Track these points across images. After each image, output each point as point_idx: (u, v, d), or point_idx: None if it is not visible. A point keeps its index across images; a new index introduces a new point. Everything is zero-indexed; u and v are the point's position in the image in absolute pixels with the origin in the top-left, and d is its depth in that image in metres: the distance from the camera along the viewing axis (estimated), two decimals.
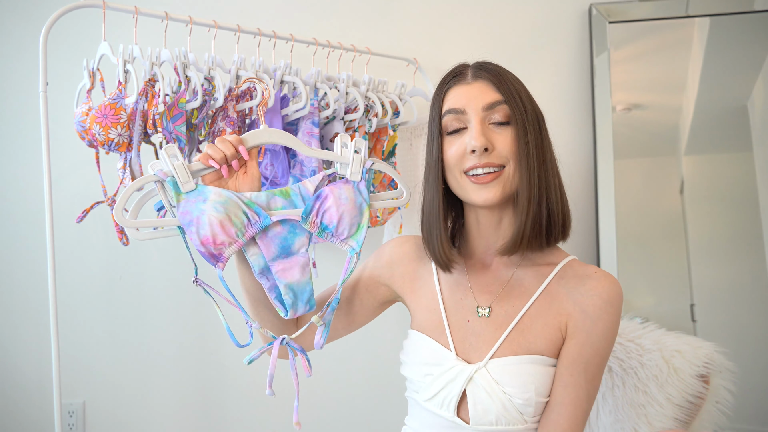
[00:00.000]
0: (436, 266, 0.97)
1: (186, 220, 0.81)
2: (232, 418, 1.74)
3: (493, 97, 0.87)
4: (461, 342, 0.90)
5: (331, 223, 0.88)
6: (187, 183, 0.82)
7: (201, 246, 0.81)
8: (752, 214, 1.64)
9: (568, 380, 0.86)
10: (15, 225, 1.66)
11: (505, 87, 0.88)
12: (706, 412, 1.15)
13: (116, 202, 0.80)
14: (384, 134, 1.57)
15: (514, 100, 0.87)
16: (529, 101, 0.89)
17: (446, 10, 1.80)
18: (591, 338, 0.86)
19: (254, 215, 0.84)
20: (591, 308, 0.86)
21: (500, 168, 0.87)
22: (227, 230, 0.81)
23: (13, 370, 1.67)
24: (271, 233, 0.86)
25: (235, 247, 0.83)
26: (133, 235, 0.82)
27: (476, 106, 0.87)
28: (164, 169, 0.82)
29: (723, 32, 1.70)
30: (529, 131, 0.87)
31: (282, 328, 0.97)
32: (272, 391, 0.85)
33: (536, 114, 0.90)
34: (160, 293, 1.71)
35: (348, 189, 0.90)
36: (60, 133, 1.59)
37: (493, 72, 0.89)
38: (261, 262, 0.85)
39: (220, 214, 0.81)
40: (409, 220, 1.66)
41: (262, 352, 0.87)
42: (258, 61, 1.36)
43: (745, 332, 1.62)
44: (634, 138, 1.73)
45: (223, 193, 0.83)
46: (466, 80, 0.90)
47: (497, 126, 0.87)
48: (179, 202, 0.82)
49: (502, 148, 0.86)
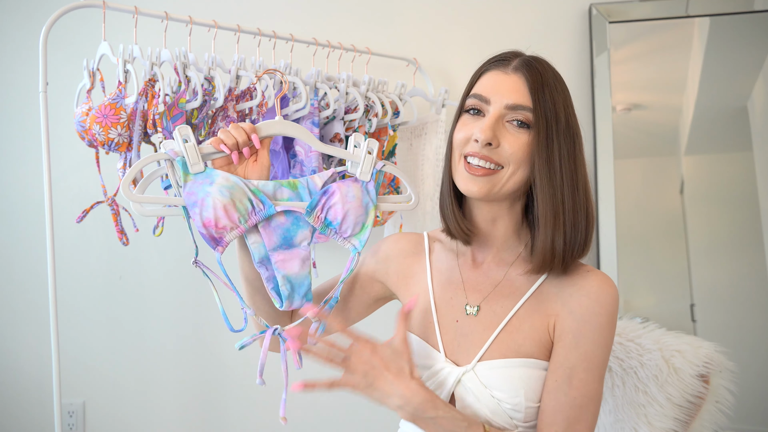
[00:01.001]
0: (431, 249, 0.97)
1: (191, 200, 0.81)
2: (232, 418, 1.74)
3: (521, 100, 0.82)
4: (450, 343, 0.88)
5: (336, 220, 0.88)
6: (196, 164, 0.82)
7: (203, 228, 0.81)
8: (752, 214, 1.64)
9: (551, 386, 0.82)
10: (15, 225, 1.66)
11: (539, 92, 0.82)
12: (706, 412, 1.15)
13: (124, 177, 0.80)
14: (384, 134, 1.57)
15: (542, 107, 0.82)
16: (564, 113, 0.83)
17: (446, 11, 1.80)
18: (578, 341, 0.81)
19: (259, 203, 0.84)
20: (578, 308, 0.82)
21: (497, 167, 0.83)
22: (230, 215, 0.82)
23: (13, 370, 1.67)
24: (274, 223, 0.85)
25: (236, 233, 0.83)
26: (137, 209, 0.82)
27: (501, 100, 0.83)
28: (175, 149, 0.82)
29: (723, 32, 1.70)
30: (555, 142, 0.82)
31: (280, 318, 0.96)
32: (262, 381, 0.84)
33: (570, 130, 0.84)
34: (160, 293, 1.71)
35: (356, 188, 0.89)
36: (60, 133, 1.59)
37: (534, 72, 0.83)
38: (261, 250, 0.86)
39: (225, 198, 0.81)
40: (410, 220, 1.66)
41: (254, 339, 0.86)
42: (258, 61, 1.36)
43: (745, 332, 1.62)
44: (634, 138, 1.73)
45: (230, 178, 0.83)
46: (506, 69, 0.85)
47: (515, 126, 0.83)
48: (187, 182, 0.82)
49: (509, 148, 0.82)
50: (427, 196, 1.63)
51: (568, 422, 0.80)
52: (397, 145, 1.63)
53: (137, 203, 0.82)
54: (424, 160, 1.66)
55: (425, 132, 1.67)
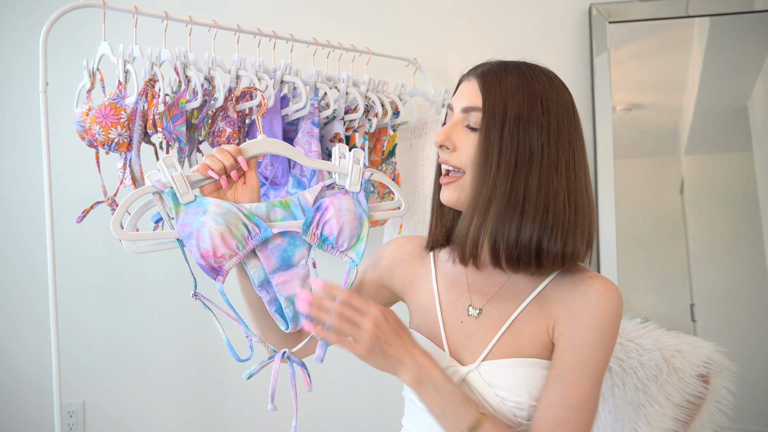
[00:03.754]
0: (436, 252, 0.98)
1: (185, 232, 0.79)
2: (232, 418, 1.74)
3: (471, 101, 0.84)
4: (455, 343, 0.90)
5: (332, 235, 0.87)
6: (186, 194, 0.80)
7: (201, 259, 0.80)
8: (752, 214, 1.64)
9: (545, 385, 0.83)
10: (15, 225, 1.66)
11: (489, 92, 0.82)
12: (706, 412, 1.15)
13: (113, 215, 0.78)
14: (384, 134, 1.57)
15: (492, 106, 0.81)
16: (517, 108, 0.81)
17: (446, 11, 1.80)
18: (574, 343, 0.81)
19: (254, 227, 0.83)
20: (577, 312, 0.82)
21: (459, 172, 0.85)
22: (228, 243, 0.80)
23: (13, 370, 1.67)
24: (271, 245, 0.85)
25: (235, 260, 0.82)
26: (129, 248, 0.80)
27: (459, 104, 0.86)
28: (162, 180, 0.80)
29: (723, 32, 1.70)
30: (503, 140, 0.80)
31: (283, 340, 0.97)
32: (274, 406, 0.84)
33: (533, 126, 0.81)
34: (160, 293, 1.71)
35: (348, 200, 0.89)
36: (60, 133, 1.59)
37: (484, 74, 0.84)
38: (261, 274, 0.85)
39: (221, 226, 0.80)
40: (409, 220, 1.66)
41: (262, 367, 0.86)
42: (258, 61, 1.36)
43: (745, 332, 1.62)
44: (634, 138, 1.73)
45: (223, 205, 0.81)
46: (468, 77, 0.88)
47: (468, 129, 0.85)
48: (178, 213, 0.80)
49: (462, 151, 0.84)
50: (426, 196, 1.63)
51: (556, 421, 0.80)
52: (397, 145, 1.63)
53: (129, 241, 0.79)
54: (424, 160, 1.66)
55: (425, 132, 1.67)
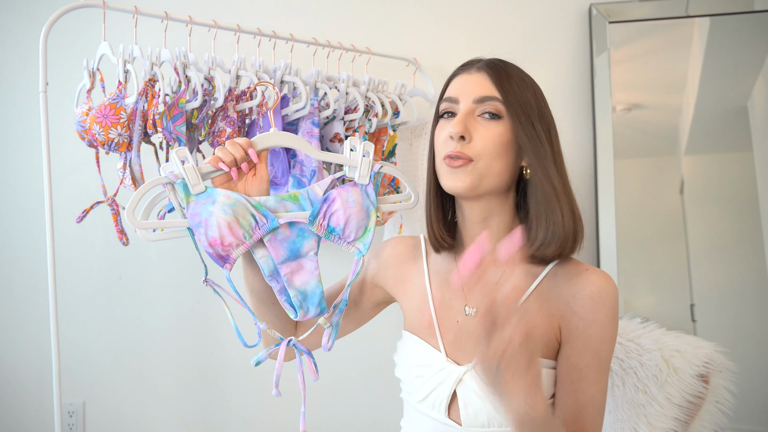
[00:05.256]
0: (428, 252, 0.98)
1: (195, 221, 0.83)
2: (233, 418, 1.74)
3: (488, 92, 0.85)
4: (451, 343, 0.90)
5: (338, 226, 0.88)
6: (196, 185, 0.83)
7: (209, 247, 0.82)
8: (752, 214, 1.64)
9: (570, 388, 0.83)
10: (15, 225, 1.66)
11: (505, 83, 0.85)
12: (706, 412, 1.15)
13: (128, 204, 0.81)
14: (384, 134, 1.57)
15: (512, 96, 0.84)
16: (535, 103, 0.86)
17: (446, 11, 1.80)
18: (588, 341, 0.83)
19: (262, 217, 0.85)
20: (581, 309, 0.84)
21: (470, 161, 0.85)
22: (235, 232, 0.82)
23: (13, 369, 1.67)
24: (279, 236, 0.86)
25: (242, 249, 0.84)
26: (144, 236, 0.83)
27: (468, 96, 0.86)
28: (175, 171, 0.83)
29: (723, 32, 1.70)
30: (526, 131, 0.84)
31: (286, 329, 0.98)
32: (278, 392, 0.85)
33: (545, 119, 0.86)
34: (160, 293, 1.71)
35: (356, 192, 0.90)
36: (60, 133, 1.59)
37: (497, 68, 0.87)
38: (270, 264, 0.86)
39: (228, 215, 0.82)
40: (409, 220, 1.66)
41: (269, 353, 0.88)
42: (258, 61, 1.36)
43: (745, 332, 1.62)
44: (634, 138, 1.73)
45: (231, 196, 0.84)
46: (471, 71, 0.89)
47: (486, 119, 0.85)
48: (189, 203, 0.83)
49: (480, 140, 0.84)
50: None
51: (591, 419, 0.83)
52: (397, 145, 1.63)
53: (143, 229, 0.83)
54: (424, 160, 1.66)
55: (425, 132, 1.67)
